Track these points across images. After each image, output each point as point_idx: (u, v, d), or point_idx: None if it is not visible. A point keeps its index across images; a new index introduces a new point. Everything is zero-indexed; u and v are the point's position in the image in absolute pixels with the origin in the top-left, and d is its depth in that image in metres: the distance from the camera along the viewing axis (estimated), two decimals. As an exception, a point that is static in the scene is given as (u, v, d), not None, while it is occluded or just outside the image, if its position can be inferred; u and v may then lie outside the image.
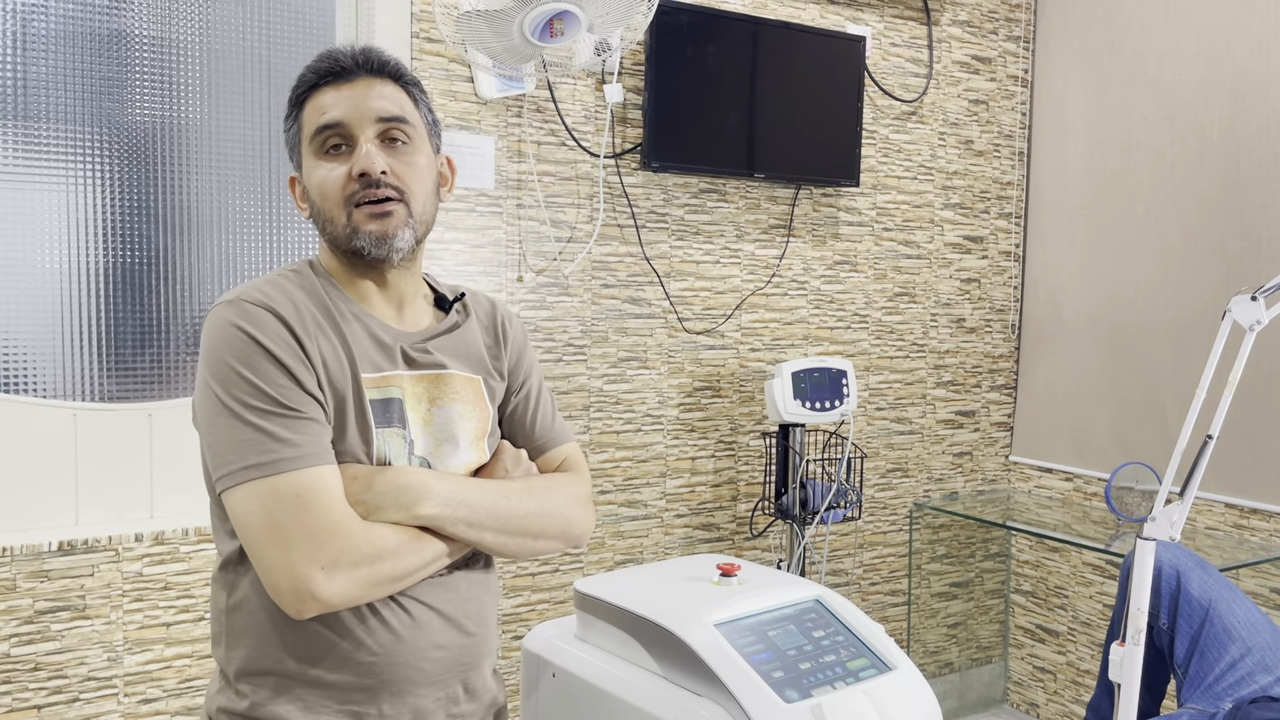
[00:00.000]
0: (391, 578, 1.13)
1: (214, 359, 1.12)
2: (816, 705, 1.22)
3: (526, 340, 1.40)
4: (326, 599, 1.07)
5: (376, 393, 1.19)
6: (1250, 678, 1.83)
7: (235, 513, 1.10)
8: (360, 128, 1.19)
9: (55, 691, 2.01)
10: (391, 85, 1.22)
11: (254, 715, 1.17)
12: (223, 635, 1.20)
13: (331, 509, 1.09)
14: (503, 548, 1.22)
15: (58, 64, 2.05)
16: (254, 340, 1.11)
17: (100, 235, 2.11)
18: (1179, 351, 2.89)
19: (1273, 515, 2.67)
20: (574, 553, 2.60)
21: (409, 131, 1.22)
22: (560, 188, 2.53)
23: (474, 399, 1.28)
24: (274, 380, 1.11)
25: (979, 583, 3.38)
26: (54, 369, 2.08)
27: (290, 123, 1.24)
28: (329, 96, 1.20)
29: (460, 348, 1.29)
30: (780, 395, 2.61)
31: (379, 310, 1.25)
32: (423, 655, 1.19)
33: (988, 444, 3.38)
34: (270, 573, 1.07)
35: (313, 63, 1.23)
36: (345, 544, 1.08)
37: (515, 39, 2.08)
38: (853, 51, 2.84)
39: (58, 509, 2.07)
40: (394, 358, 1.22)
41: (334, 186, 1.18)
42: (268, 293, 1.16)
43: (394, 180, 1.19)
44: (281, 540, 1.07)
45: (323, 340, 1.16)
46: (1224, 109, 2.77)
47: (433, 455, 1.22)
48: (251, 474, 1.08)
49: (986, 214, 3.30)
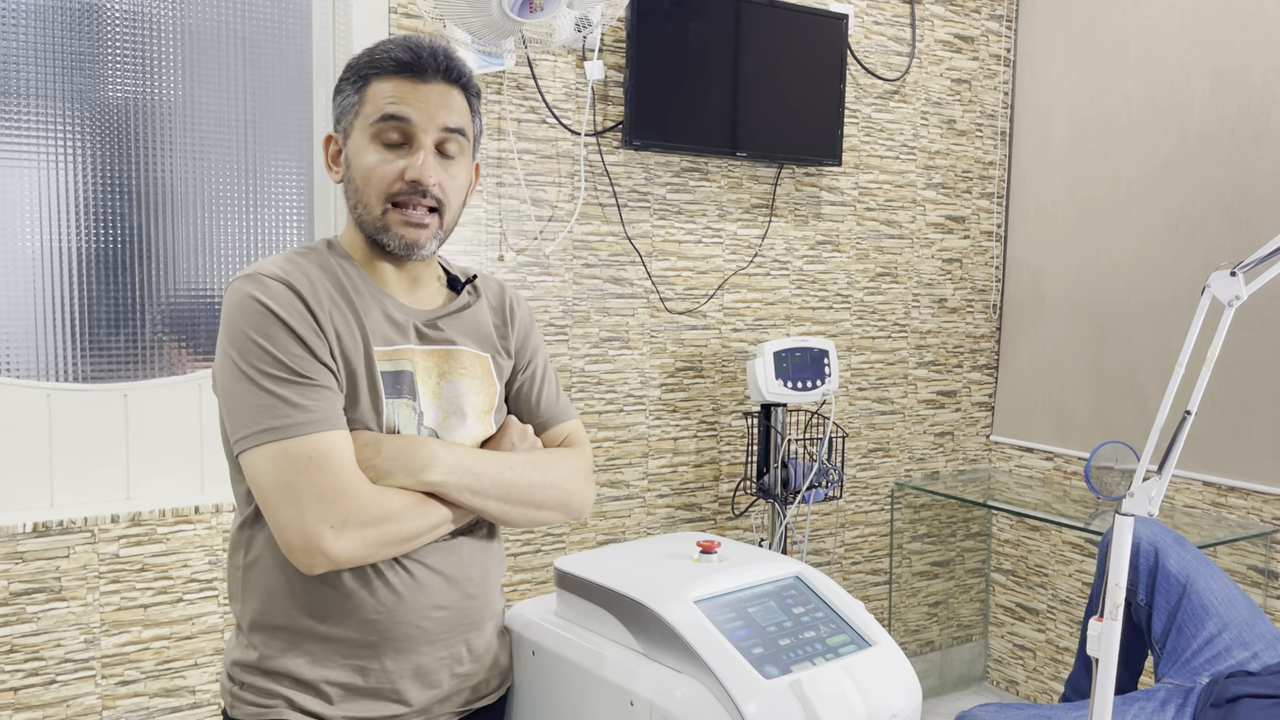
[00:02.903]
0: (397, 539, 1.18)
1: (233, 329, 1.17)
2: (796, 681, 1.22)
3: (533, 322, 1.46)
4: (335, 556, 1.13)
5: (388, 364, 1.24)
6: (1227, 653, 1.85)
7: (251, 473, 1.15)
8: (424, 132, 1.23)
9: (32, 674, 2.00)
10: (460, 94, 1.27)
11: (263, 666, 1.23)
12: (239, 590, 1.26)
13: (342, 471, 1.14)
14: (505, 516, 1.28)
15: (29, 38, 2.01)
16: (270, 311, 1.16)
17: (74, 214, 2.08)
18: (1159, 331, 2.90)
19: (1250, 493, 2.69)
20: (555, 532, 2.59)
21: (463, 144, 1.27)
22: (541, 166, 2.51)
23: (482, 375, 1.33)
24: (289, 349, 1.16)
25: (960, 562, 3.40)
26: (28, 349, 2.05)
27: (350, 91, 1.26)
28: (403, 89, 1.22)
29: (470, 326, 1.35)
30: (762, 375, 2.60)
31: (394, 289, 1.30)
32: (423, 614, 1.24)
33: (969, 424, 3.39)
34: (284, 530, 1.13)
35: (395, 49, 1.24)
36: (354, 504, 1.14)
37: (494, 14, 2.05)
38: (835, 29, 2.82)
39: (32, 490, 2.05)
40: (406, 333, 1.28)
41: (382, 179, 1.22)
42: (285, 268, 1.21)
43: (439, 193, 1.24)
44: (294, 499, 1.12)
45: (335, 313, 1.21)
46: (1205, 89, 2.77)
47: (441, 427, 1.27)
48: (267, 437, 1.14)
49: (969, 194, 3.29)
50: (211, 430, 2.21)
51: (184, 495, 2.17)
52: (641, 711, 1.26)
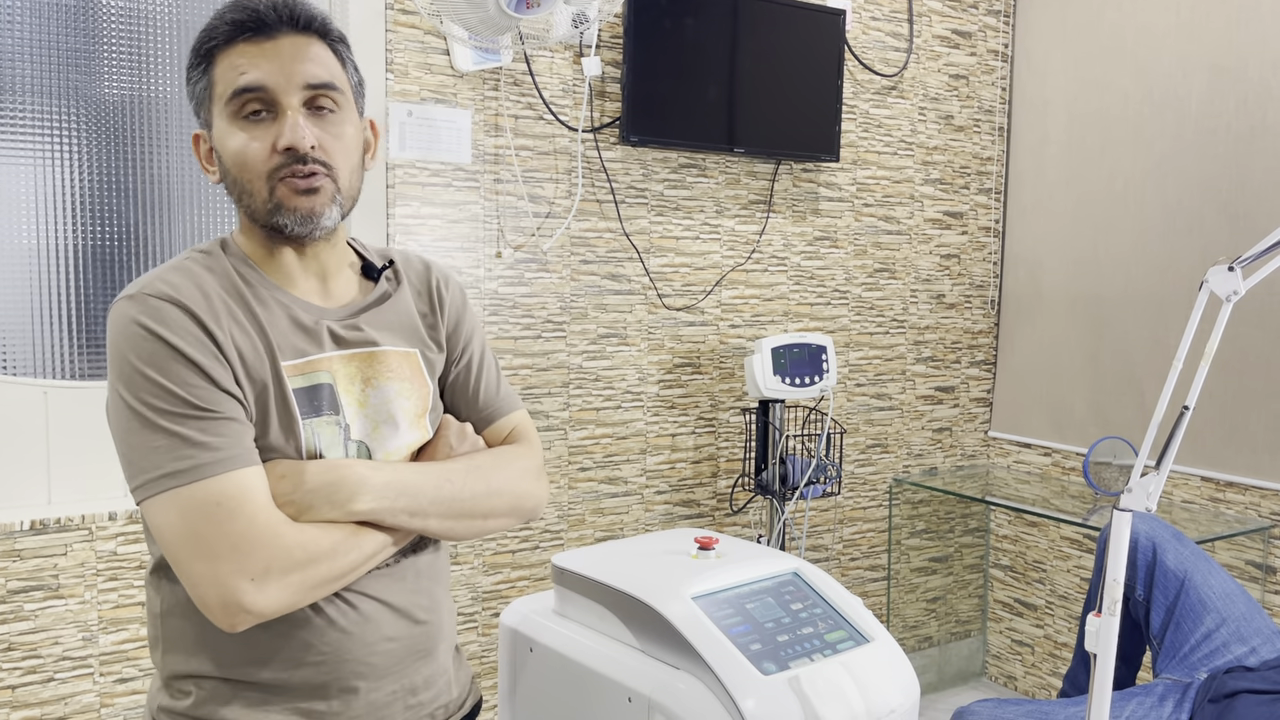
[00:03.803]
0: (330, 578, 1.06)
1: (120, 361, 1.03)
2: (794, 677, 1.22)
3: (466, 303, 1.30)
4: (260, 610, 1.00)
5: (301, 380, 1.10)
6: (1225, 648, 1.85)
7: (155, 524, 1.01)
8: (286, 95, 1.07)
9: (30, 671, 1.99)
10: (319, 44, 1.11)
11: (196, 715, 1.11)
12: (159, 640, 1.14)
13: (257, 515, 1.01)
14: (449, 532, 1.16)
15: (25, 35, 2.01)
16: (159, 338, 1.02)
17: (71, 211, 2.07)
18: (1157, 327, 2.90)
19: (1248, 488, 2.69)
20: (554, 529, 2.59)
21: (337, 99, 1.11)
22: (538, 162, 2.50)
23: (411, 375, 1.20)
24: (184, 380, 1.02)
25: (958, 557, 3.40)
26: (25, 346, 2.05)
27: (198, 76, 1.11)
28: (248, 54, 1.07)
29: (392, 319, 1.21)
30: (760, 371, 2.60)
31: (300, 287, 1.15)
32: (372, 650, 1.13)
33: (967, 419, 3.39)
34: (196, 587, 1.00)
35: (226, 10, 1.08)
36: (274, 551, 1.01)
37: (490, 10, 2.05)
38: (832, 25, 2.82)
39: (30, 488, 2.04)
40: (319, 339, 1.13)
41: (255, 158, 1.08)
42: (173, 282, 1.05)
43: (322, 155, 1.09)
44: (205, 552, 0.99)
45: (236, 330, 1.07)
46: (1202, 84, 2.77)
47: (371, 439, 1.15)
48: (168, 483, 1.00)
49: (966, 189, 3.29)
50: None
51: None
52: (639, 708, 1.26)
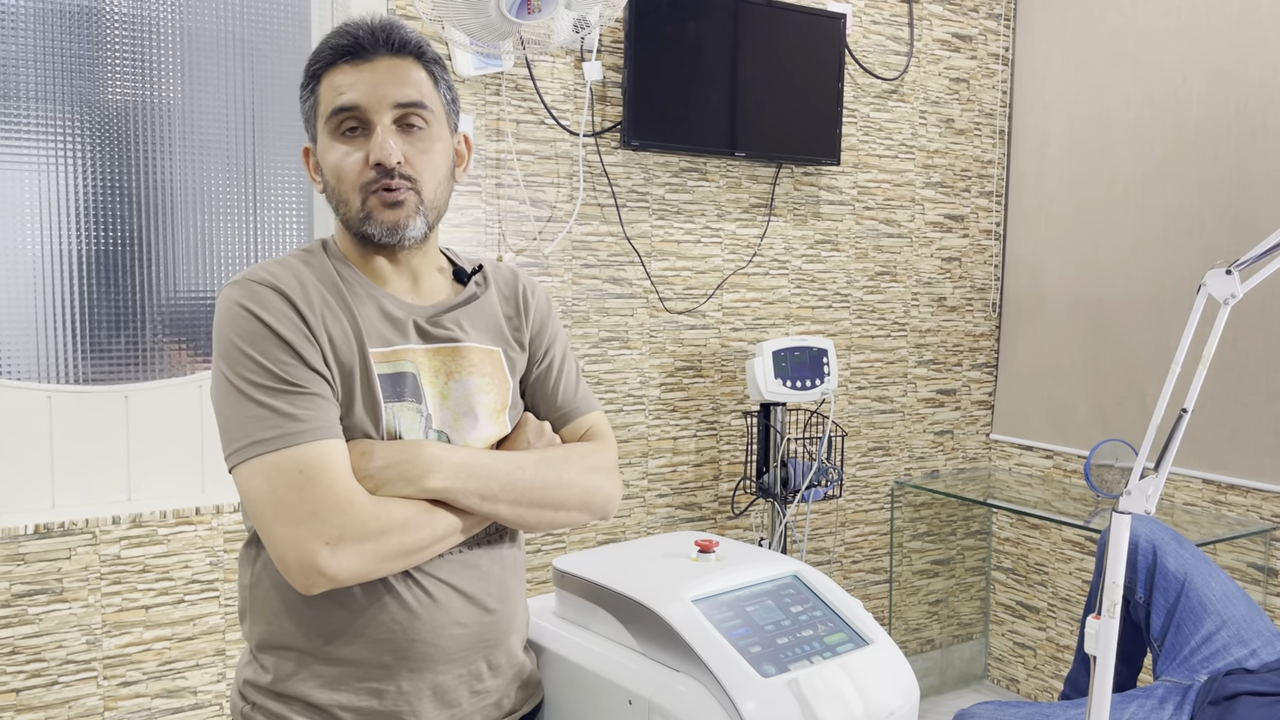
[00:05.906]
0: (401, 551, 1.12)
1: (221, 339, 1.13)
2: (794, 680, 1.23)
3: (550, 310, 1.39)
4: (333, 574, 1.07)
5: (386, 367, 1.19)
6: (1225, 650, 1.85)
7: (242, 489, 1.10)
8: (378, 113, 1.17)
9: (34, 675, 2.00)
10: (412, 65, 1.20)
11: (276, 689, 1.19)
12: (246, 610, 1.22)
13: (335, 483, 1.08)
14: (520, 520, 1.21)
15: (29, 42, 2.02)
16: (258, 319, 1.12)
17: (75, 216, 2.08)
18: (1158, 329, 2.90)
19: (1249, 490, 2.69)
20: (555, 532, 2.60)
21: (426, 116, 1.20)
22: (539, 166, 2.51)
23: (492, 371, 1.27)
24: (278, 358, 1.11)
25: (960, 560, 3.40)
26: (29, 351, 2.06)
27: (306, 95, 1.22)
28: (347, 76, 1.17)
29: (478, 319, 1.29)
30: (761, 374, 2.61)
31: (393, 286, 1.25)
32: (441, 633, 1.18)
33: (968, 422, 3.39)
34: (277, 548, 1.07)
35: (330, 37, 1.19)
36: (350, 518, 1.08)
37: (492, 15, 2.06)
38: (833, 29, 2.83)
39: (34, 492, 2.05)
40: (405, 332, 1.22)
41: (350, 171, 1.17)
42: (274, 272, 1.16)
43: (408, 170, 1.18)
44: (286, 516, 1.07)
45: (329, 315, 1.17)
46: (1203, 87, 2.77)
47: (451, 429, 1.22)
48: (256, 450, 1.09)
49: (967, 192, 3.30)
50: (212, 432, 2.22)
51: (185, 496, 2.18)
52: (640, 710, 1.27)
